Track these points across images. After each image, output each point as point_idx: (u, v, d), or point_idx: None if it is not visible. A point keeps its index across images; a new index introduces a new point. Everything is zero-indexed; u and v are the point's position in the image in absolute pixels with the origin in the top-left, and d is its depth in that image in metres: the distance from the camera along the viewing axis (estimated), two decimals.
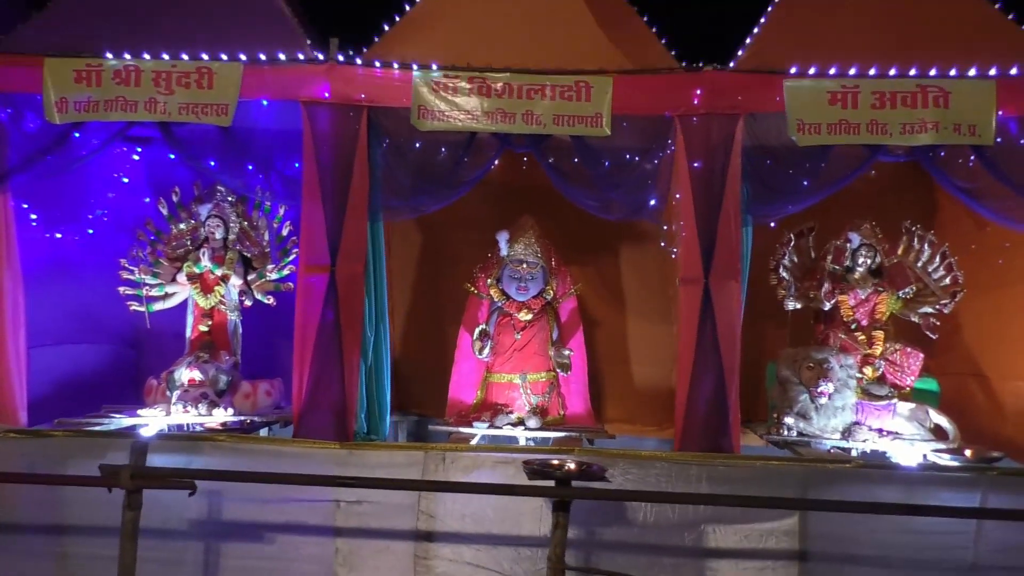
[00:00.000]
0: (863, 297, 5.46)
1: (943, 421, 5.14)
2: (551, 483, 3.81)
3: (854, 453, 4.98)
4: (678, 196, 4.61)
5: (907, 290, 5.43)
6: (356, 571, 4.53)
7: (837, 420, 5.11)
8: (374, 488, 4.34)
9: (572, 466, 3.85)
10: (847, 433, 5.07)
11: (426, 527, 4.50)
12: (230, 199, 5.62)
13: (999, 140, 4.48)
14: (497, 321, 5.60)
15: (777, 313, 5.60)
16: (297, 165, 4.66)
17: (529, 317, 5.50)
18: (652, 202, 4.76)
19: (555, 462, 3.88)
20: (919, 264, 5.51)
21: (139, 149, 6.00)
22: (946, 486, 4.43)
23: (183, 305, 5.67)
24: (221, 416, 5.13)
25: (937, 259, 5.46)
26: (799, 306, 5.51)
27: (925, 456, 4.86)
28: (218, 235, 5.60)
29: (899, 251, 5.58)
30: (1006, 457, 5.07)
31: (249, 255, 5.66)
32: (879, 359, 5.32)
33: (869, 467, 4.50)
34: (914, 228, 5.54)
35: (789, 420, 5.12)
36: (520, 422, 5.30)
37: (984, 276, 5.64)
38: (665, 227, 5.05)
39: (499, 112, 4.56)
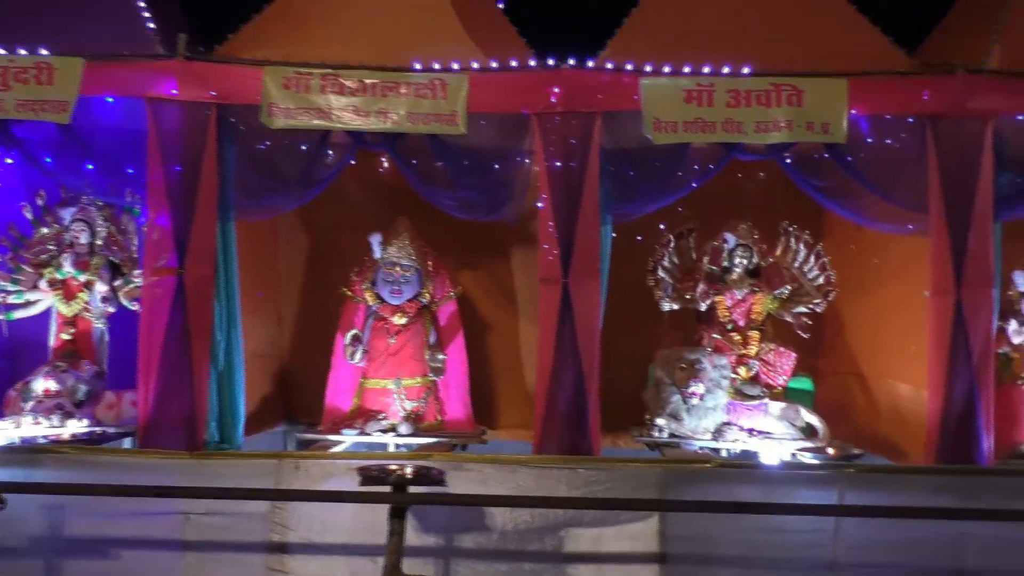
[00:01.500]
0: (739, 298, 5.45)
1: (814, 420, 5.13)
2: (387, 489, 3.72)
3: (724, 453, 4.96)
4: (544, 197, 4.54)
5: (782, 290, 5.43)
6: None
7: (708, 420, 5.08)
8: (218, 499, 4.20)
9: (409, 471, 3.75)
10: (718, 433, 5.05)
11: (279, 538, 4.36)
12: (98, 203, 5.42)
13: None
14: (372, 325, 5.48)
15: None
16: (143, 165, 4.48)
17: (404, 321, 5.38)
18: (511, 202, 4.67)
19: (392, 467, 3.77)
20: (796, 264, 5.52)
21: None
22: (805, 485, 4.42)
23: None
24: (74, 427, 4.91)
25: (812, 259, 5.48)
26: (676, 307, 5.48)
27: (794, 455, 4.85)
28: (83, 239, 5.39)
29: (778, 251, 5.59)
30: (868, 454, 5.10)
31: (117, 260, 5.46)
32: (753, 359, 5.31)
33: (729, 467, 4.48)
34: (791, 228, 5.55)
35: (661, 421, 5.08)
36: (392, 428, 5.17)
37: (864, 276, 5.69)
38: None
39: (352, 110, 4.46)
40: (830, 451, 4.85)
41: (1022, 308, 5.33)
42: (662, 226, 5.66)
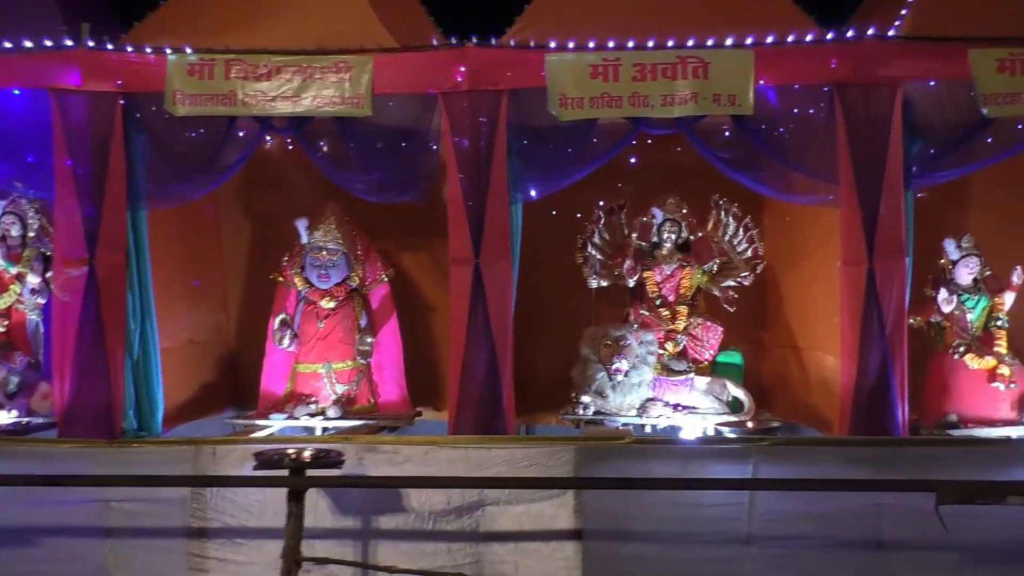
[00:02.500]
0: (668, 273, 5.43)
1: (740, 394, 5.13)
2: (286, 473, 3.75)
3: (648, 429, 4.96)
4: (453, 177, 4.53)
5: (711, 264, 5.40)
6: (128, 571, 4.43)
7: (633, 397, 5.08)
8: (134, 486, 4.26)
9: (307, 455, 3.78)
10: (642, 410, 5.05)
11: (199, 523, 4.41)
12: (29, 196, 5.44)
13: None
14: (303, 310, 5.49)
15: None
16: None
17: (332, 305, 5.39)
18: (421, 183, 4.66)
19: (290, 451, 3.80)
20: (726, 238, 5.49)
21: None
22: (720, 459, 4.42)
23: None
24: (2, 418, 4.97)
25: (741, 232, 5.45)
26: (605, 284, 5.47)
27: (715, 430, 4.85)
28: (14, 232, 5.41)
29: (709, 225, 5.56)
30: (798, 427, 5.10)
31: (48, 252, 5.48)
32: (681, 334, 5.30)
33: (644, 443, 4.48)
34: (721, 201, 5.51)
35: (586, 398, 5.08)
36: (321, 412, 5.20)
37: (795, 247, 5.66)
38: None
39: (258, 95, 4.45)
40: (750, 425, 4.84)
41: (954, 276, 5.30)
42: (601, 202, 5.64)
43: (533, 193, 4.61)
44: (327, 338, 5.41)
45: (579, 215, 5.64)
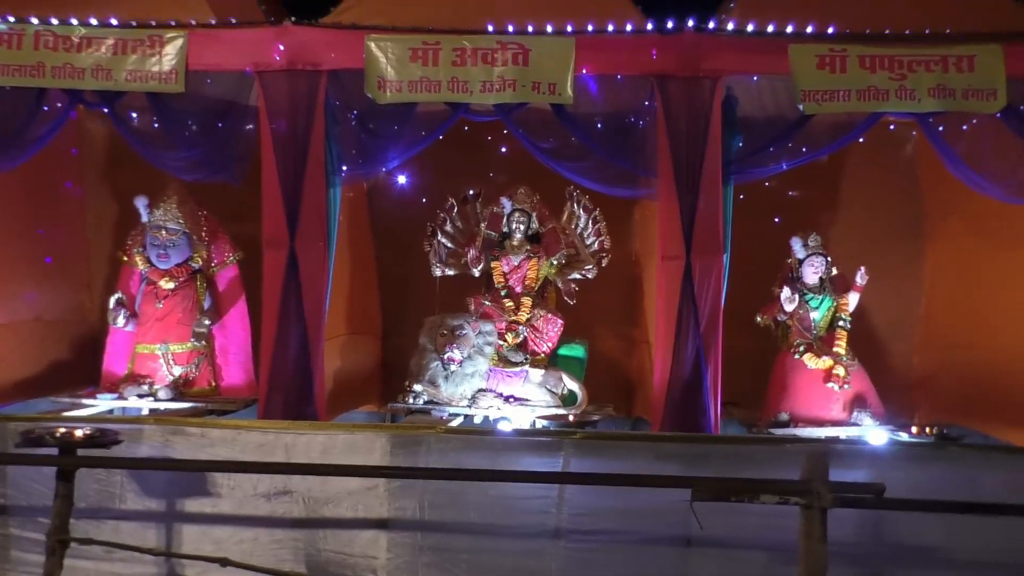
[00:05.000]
0: (516, 263, 5.36)
1: (575, 387, 5.08)
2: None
3: (477, 420, 4.91)
4: (268, 157, 4.44)
5: (559, 255, 5.35)
6: None
7: (466, 387, 5.01)
8: None
9: (79, 434, 3.68)
10: (473, 400, 4.99)
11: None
12: None
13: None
14: (144, 290, 5.39)
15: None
16: None
17: (172, 285, 5.29)
18: (235, 162, 4.57)
19: (61, 430, 3.70)
20: (578, 230, 5.44)
21: None
22: (532, 452, 4.36)
23: None
24: None
25: (590, 225, 5.39)
26: (451, 272, 5.41)
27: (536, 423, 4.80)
28: None
29: (564, 217, 5.50)
30: (640, 420, 5.05)
31: None
32: (524, 325, 5.24)
33: (456, 433, 4.42)
34: (575, 192, 5.45)
35: (418, 387, 5.01)
36: (153, 394, 5.10)
37: (652, 240, 5.60)
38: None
39: (68, 68, 4.34)
40: (571, 418, 4.79)
41: (800, 275, 5.28)
42: (471, 191, 5.58)
43: (356, 177, 4.51)
44: (165, 319, 5.31)
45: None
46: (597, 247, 5.35)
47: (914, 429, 4.78)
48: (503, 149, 5.60)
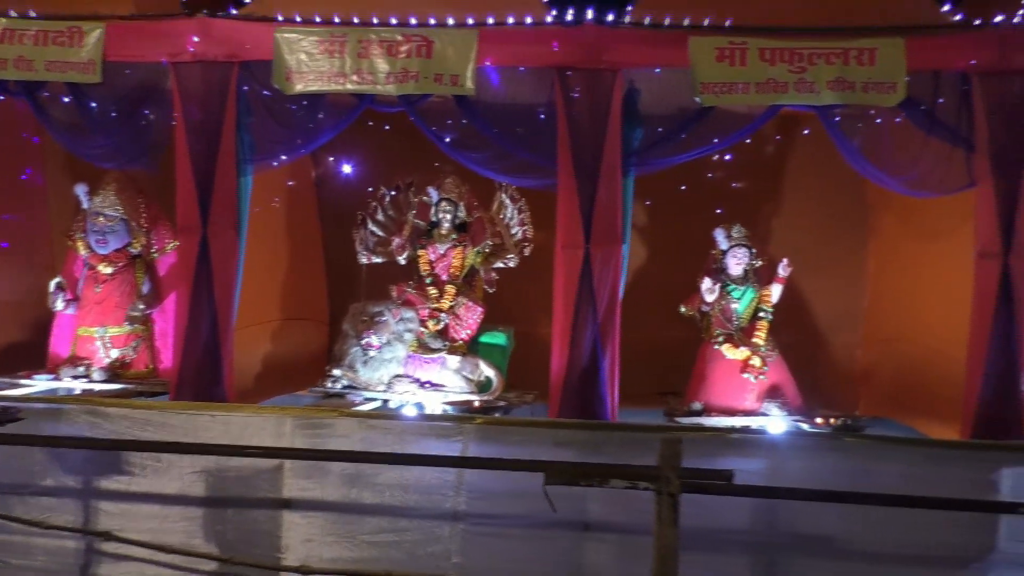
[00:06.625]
0: (442, 252, 5.46)
1: (491, 373, 5.17)
2: None
3: (392, 404, 5.02)
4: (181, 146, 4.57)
5: (484, 244, 5.43)
6: None
7: (383, 372, 5.13)
8: None
9: None
10: (390, 385, 5.10)
11: None
12: None
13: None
14: (85, 274, 5.58)
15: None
16: None
17: (110, 270, 5.47)
18: (151, 150, 4.72)
19: None
20: (505, 219, 5.51)
21: None
22: (433, 436, 4.47)
23: None
24: None
25: (515, 214, 5.46)
26: (378, 260, 5.52)
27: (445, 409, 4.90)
28: None
29: (493, 206, 5.58)
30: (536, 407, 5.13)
31: None
32: (446, 313, 5.33)
33: (360, 416, 4.53)
34: (504, 183, 5.52)
35: (337, 372, 5.14)
36: (88, 375, 5.30)
37: None
38: None
39: None
40: (476, 403, 4.89)
41: (724, 266, 5.30)
42: (405, 181, 5.68)
43: (263, 165, 4.64)
44: (103, 303, 5.50)
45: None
46: (520, 236, 5.42)
47: (818, 420, 4.79)
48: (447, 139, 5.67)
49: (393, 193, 5.62)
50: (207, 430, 4.48)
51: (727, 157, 6.10)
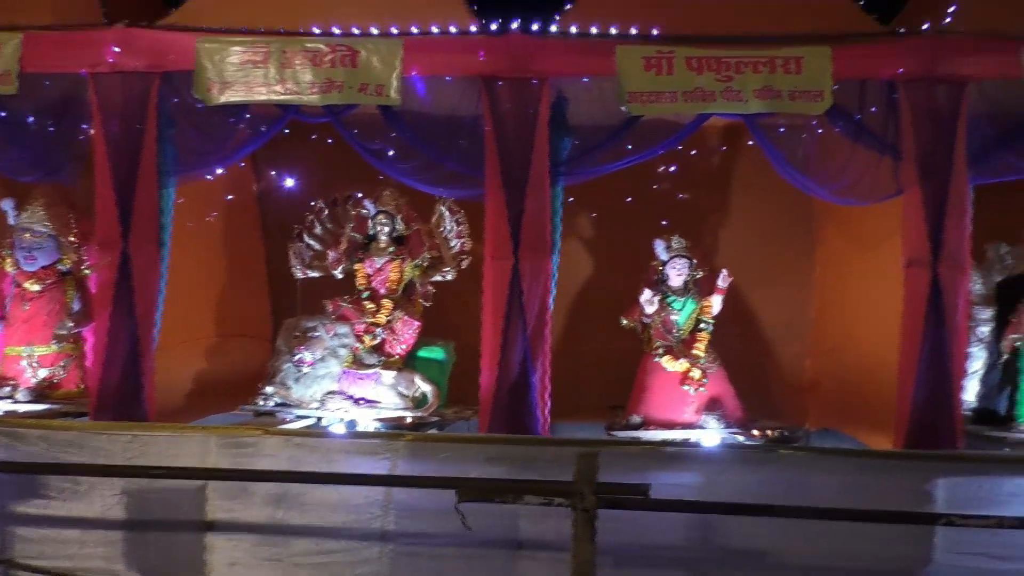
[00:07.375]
0: (379, 266, 5.37)
1: (427, 389, 5.07)
2: None
3: (324, 422, 4.91)
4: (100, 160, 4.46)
5: (423, 257, 5.35)
6: None
7: (316, 389, 5.02)
8: None
9: None
10: (322, 402, 4.99)
11: None
12: None
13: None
14: (14, 292, 5.44)
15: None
16: None
17: (37, 288, 5.33)
18: (69, 164, 4.61)
19: None
20: (443, 232, 5.43)
21: None
22: (361, 454, 4.36)
23: None
24: None
25: (454, 226, 5.39)
26: (315, 275, 5.42)
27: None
28: None
29: (434, 219, 5.50)
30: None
31: None
32: (382, 328, 5.24)
33: (285, 435, 4.42)
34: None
35: (269, 389, 5.02)
36: (13, 395, 5.15)
37: None
38: None
39: None
40: (407, 420, 4.79)
41: (664, 277, 5.25)
42: (343, 194, 5.59)
43: (191, 175, 4.55)
44: (30, 321, 5.35)
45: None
46: (458, 249, 5.34)
47: (755, 432, 4.74)
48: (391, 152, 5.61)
49: (331, 206, 5.53)
50: (127, 451, 4.36)
51: (672, 168, 6.08)
